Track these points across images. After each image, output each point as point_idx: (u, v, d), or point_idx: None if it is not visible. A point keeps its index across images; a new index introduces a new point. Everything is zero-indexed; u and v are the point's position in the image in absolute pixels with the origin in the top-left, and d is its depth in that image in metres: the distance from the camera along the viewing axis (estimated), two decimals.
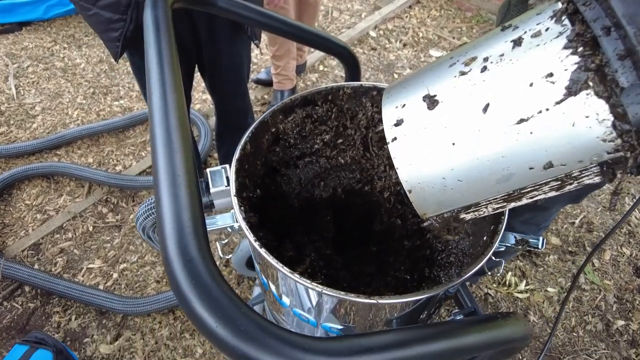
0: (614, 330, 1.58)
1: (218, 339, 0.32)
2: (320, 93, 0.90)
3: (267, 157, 0.94)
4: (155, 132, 0.43)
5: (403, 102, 0.53)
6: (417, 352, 0.40)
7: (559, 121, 0.41)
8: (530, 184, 0.47)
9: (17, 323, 1.57)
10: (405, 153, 0.52)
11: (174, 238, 0.34)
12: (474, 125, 0.46)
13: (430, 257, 0.95)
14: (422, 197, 0.54)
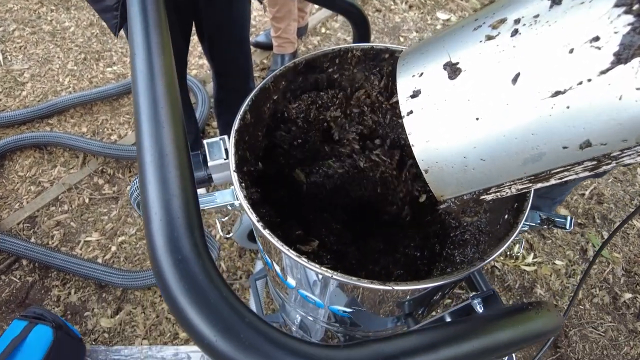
0: (620, 303, 1.56)
1: (218, 354, 0.26)
2: (327, 56, 0.82)
3: (269, 128, 0.87)
4: (139, 103, 0.36)
5: (421, 71, 0.47)
6: (447, 355, 0.35)
7: (603, 94, 0.35)
8: (563, 164, 0.42)
9: (16, 297, 1.55)
10: (423, 128, 0.46)
11: (162, 233, 0.28)
12: (502, 97, 0.41)
13: (442, 234, 0.90)
14: (439, 178, 0.49)
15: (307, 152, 0.95)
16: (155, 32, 0.42)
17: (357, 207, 0.98)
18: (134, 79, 0.38)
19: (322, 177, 0.96)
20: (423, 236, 0.93)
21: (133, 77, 0.39)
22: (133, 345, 1.45)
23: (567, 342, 1.48)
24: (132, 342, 1.46)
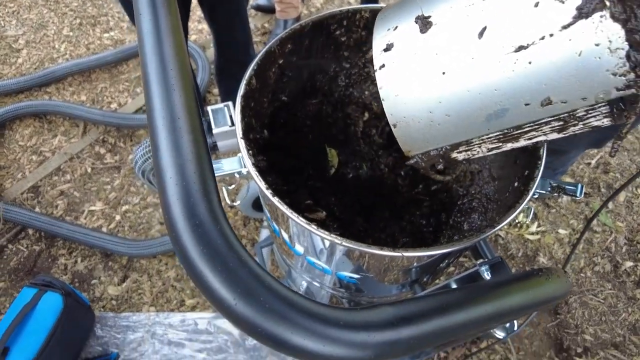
0: (621, 271, 1.58)
1: (238, 317, 0.26)
2: (334, 17, 0.79)
3: (275, 93, 0.85)
4: (147, 65, 0.34)
5: (395, 24, 0.47)
6: (461, 319, 0.35)
7: (564, 50, 0.36)
8: (527, 122, 0.42)
9: (24, 265, 1.57)
10: (393, 82, 0.47)
11: (178, 198, 0.27)
12: (468, 52, 0.41)
13: (449, 202, 0.90)
14: (407, 133, 0.49)
15: (315, 119, 0.93)
16: None
17: (365, 178, 0.98)
18: (141, 41, 0.37)
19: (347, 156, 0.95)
20: (429, 204, 0.92)
21: (139, 38, 0.37)
22: (140, 312, 1.48)
23: (567, 308, 1.51)
24: (140, 309, 1.49)
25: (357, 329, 0.29)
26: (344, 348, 0.27)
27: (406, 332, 0.31)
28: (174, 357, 1.38)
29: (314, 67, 0.87)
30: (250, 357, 1.35)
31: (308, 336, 0.27)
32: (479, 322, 0.36)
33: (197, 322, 1.42)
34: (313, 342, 0.27)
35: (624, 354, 1.43)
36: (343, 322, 0.28)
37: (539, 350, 1.43)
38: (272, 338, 0.26)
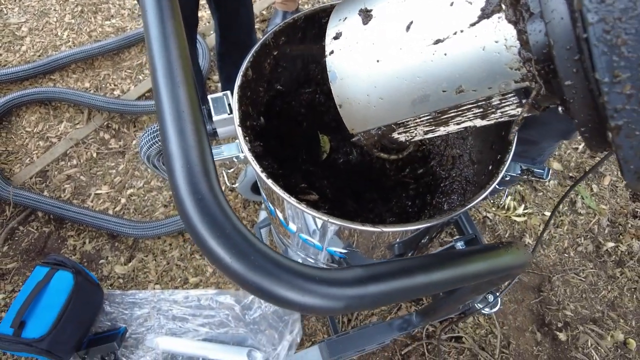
0: (603, 251, 1.65)
1: (233, 273, 0.33)
2: (325, 11, 0.84)
3: (271, 83, 0.90)
4: (156, 67, 0.40)
5: (345, 16, 0.53)
6: (421, 280, 0.42)
7: (471, 44, 0.41)
8: (447, 107, 0.47)
9: (35, 246, 1.65)
10: (339, 67, 0.52)
11: (184, 177, 0.34)
12: (397, 43, 0.47)
13: (433, 184, 0.96)
14: (349, 113, 0.55)
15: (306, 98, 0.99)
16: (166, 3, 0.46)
17: (355, 162, 1.04)
18: (149, 45, 0.42)
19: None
20: (415, 187, 0.99)
21: (148, 43, 0.43)
22: (146, 289, 1.57)
23: (550, 286, 1.59)
24: (145, 287, 1.57)
25: (331, 285, 0.35)
26: (320, 299, 0.34)
27: (372, 289, 0.38)
28: (178, 331, 1.46)
29: (307, 57, 0.93)
30: (250, 330, 1.43)
31: (290, 289, 0.33)
32: (436, 284, 0.43)
33: (199, 299, 1.50)
34: (294, 293, 0.33)
35: (602, 328, 1.51)
36: (319, 278, 0.35)
37: (522, 325, 1.52)
38: (260, 290, 0.33)
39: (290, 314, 1.47)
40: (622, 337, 1.50)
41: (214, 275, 1.59)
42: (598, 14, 0.28)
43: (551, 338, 1.50)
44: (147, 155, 1.02)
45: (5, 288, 1.56)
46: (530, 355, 1.47)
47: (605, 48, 0.29)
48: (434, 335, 1.48)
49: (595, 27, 0.29)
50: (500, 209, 1.72)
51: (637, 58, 0.28)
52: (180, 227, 1.61)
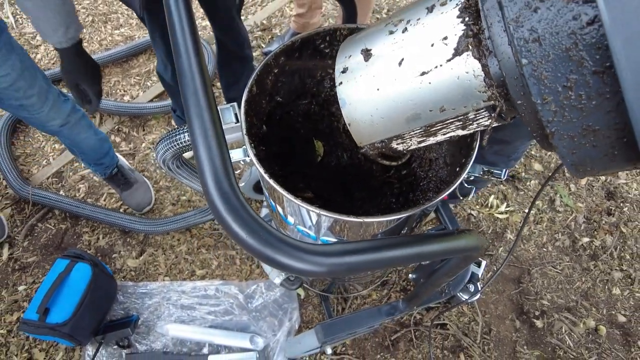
0: (578, 246, 1.79)
1: (248, 246, 0.46)
2: (319, 34, 0.97)
3: (272, 96, 1.04)
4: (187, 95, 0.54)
5: (350, 53, 0.65)
6: (387, 254, 0.55)
7: (449, 75, 0.53)
8: (435, 122, 0.60)
9: (52, 241, 1.78)
10: (347, 95, 0.65)
11: (211, 177, 0.47)
12: (392, 75, 0.59)
13: (414, 184, 1.10)
14: (357, 130, 0.67)
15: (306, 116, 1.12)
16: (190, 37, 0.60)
17: (346, 165, 1.17)
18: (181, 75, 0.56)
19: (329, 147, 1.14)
20: (399, 187, 1.12)
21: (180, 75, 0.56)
22: (156, 281, 1.70)
23: (529, 278, 1.73)
24: (156, 279, 1.70)
25: (318, 255, 0.48)
26: (309, 265, 0.47)
27: (348, 259, 0.51)
28: (186, 319, 1.59)
29: (303, 73, 1.06)
30: (252, 317, 1.57)
31: (288, 257, 0.46)
32: (399, 259, 0.56)
33: (206, 289, 1.63)
34: (291, 260, 0.46)
35: (575, 316, 1.65)
36: (309, 250, 0.48)
37: (502, 313, 1.65)
38: (267, 258, 0.46)
39: (289, 303, 1.61)
40: (594, 324, 1.64)
41: (219, 268, 1.72)
42: (527, 58, 0.41)
43: (529, 325, 1.63)
44: (163, 159, 1.15)
45: (26, 280, 1.69)
46: (509, 340, 1.60)
47: (535, 81, 0.41)
48: (420, 322, 1.61)
49: (526, 67, 0.41)
50: (484, 207, 1.86)
51: (555, 87, 0.41)
52: (188, 223, 1.74)
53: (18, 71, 1.20)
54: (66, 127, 1.45)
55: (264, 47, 2.29)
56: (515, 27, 0.41)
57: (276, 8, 2.49)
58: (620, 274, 1.74)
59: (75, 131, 1.50)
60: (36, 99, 1.29)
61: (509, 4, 0.41)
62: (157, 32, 1.38)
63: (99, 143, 1.62)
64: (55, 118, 1.40)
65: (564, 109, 0.41)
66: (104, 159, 1.69)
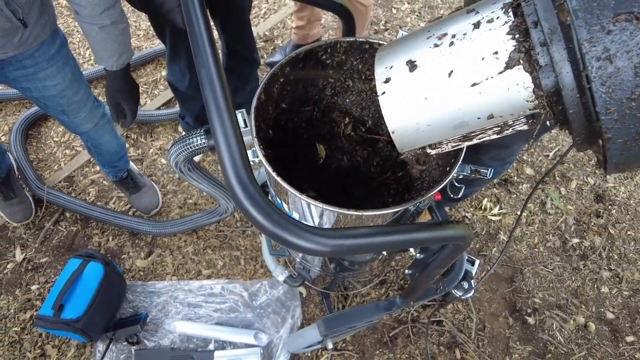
0: (569, 246, 1.87)
1: (264, 227, 0.54)
2: (321, 47, 1.06)
3: (278, 103, 1.12)
4: (209, 100, 0.62)
5: (391, 64, 0.69)
6: (383, 239, 0.63)
7: (499, 86, 0.58)
8: (479, 129, 0.66)
9: (64, 243, 1.85)
10: (391, 104, 0.68)
11: (232, 170, 0.55)
12: (441, 85, 0.63)
13: (410, 184, 1.18)
14: (401, 137, 0.71)
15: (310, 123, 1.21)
16: (210, 52, 0.68)
17: (346, 167, 1.25)
18: (203, 84, 0.64)
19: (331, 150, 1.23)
20: (396, 187, 1.21)
21: (202, 84, 0.65)
22: (164, 280, 1.77)
23: (521, 277, 1.80)
24: (163, 279, 1.78)
25: (322, 236, 0.56)
26: (315, 244, 0.55)
27: (348, 242, 0.58)
28: (193, 317, 1.66)
29: (306, 82, 1.15)
30: (257, 314, 1.64)
31: (297, 237, 0.54)
32: (394, 243, 0.64)
33: (212, 288, 1.70)
34: (300, 240, 0.54)
35: (566, 313, 1.72)
36: (315, 231, 0.56)
37: (496, 311, 1.72)
38: (279, 238, 0.54)
39: (292, 301, 1.68)
40: (584, 320, 1.71)
41: (224, 268, 1.79)
42: (597, 74, 0.47)
43: (521, 322, 1.70)
44: (175, 162, 1.23)
45: (39, 280, 1.76)
46: (502, 337, 1.67)
47: (602, 94, 0.48)
48: (418, 319, 1.68)
49: (595, 82, 0.48)
50: (478, 210, 1.94)
51: (620, 99, 0.47)
52: (194, 225, 1.81)
53: (68, 82, 1.30)
54: (93, 129, 1.54)
55: (267, 58, 2.39)
56: (589, 47, 0.46)
57: (278, 20, 2.59)
58: (608, 273, 1.82)
59: (100, 133, 1.59)
60: (76, 105, 1.39)
61: (582, 27, 0.47)
62: (184, 45, 1.47)
63: (117, 147, 1.72)
64: (88, 122, 1.50)
65: (624, 118, 0.47)
66: (119, 162, 1.78)
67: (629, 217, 1.97)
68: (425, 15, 2.71)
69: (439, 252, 0.95)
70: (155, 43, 2.48)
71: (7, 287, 1.75)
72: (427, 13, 2.72)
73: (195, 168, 1.16)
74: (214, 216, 1.79)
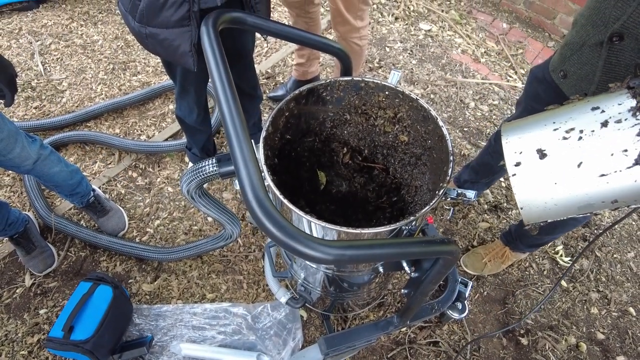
0: (558, 268, 1.95)
1: (276, 238, 0.64)
2: (322, 85, 1.19)
3: (283, 134, 1.24)
4: (231, 133, 0.73)
5: (521, 150, 0.74)
6: (380, 250, 0.73)
7: (627, 178, 0.64)
8: (600, 209, 0.73)
9: (73, 268, 1.92)
10: (521, 185, 0.73)
11: (251, 189, 0.66)
12: (571, 174, 0.68)
13: (404, 208, 1.28)
14: (529, 212, 0.76)
15: (311, 152, 1.32)
16: (227, 85, 0.80)
17: (345, 192, 1.36)
18: (225, 119, 0.76)
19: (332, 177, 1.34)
20: (391, 210, 1.31)
21: (223, 117, 0.76)
22: (170, 304, 1.83)
23: (513, 299, 1.87)
24: (169, 302, 1.84)
25: (327, 247, 0.65)
26: (320, 253, 0.64)
27: (349, 252, 0.68)
28: (197, 339, 1.72)
29: (308, 116, 1.27)
30: (259, 336, 1.69)
31: (305, 246, 0.64)
32: (389, 254, 0.74)
33: (216, 311, 1.76)
34: (307, 249, 0.64)
35: (558, 334, 1.78)
36: (320, 242, 0.65)
37: (490, 332, 1.78)
38: (289, 247, 0.63)
39: (293, 323, 1.74)
40: (575, 341, 1.77)
41: (227, 292, 1.86)
42: None
43: (515, 343, 1.76)
44: (187, 189, 1.33)
45: (47, 304, 1.82)
46: (497, 357, 1.73)
47: None
48: (415, 340, 1.74)
49: None
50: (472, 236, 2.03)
51: None
52: (199, 251, 1.89)
53: None
54: (38, 163, 1.58)
55: (269, 93, 2.54)
56: None
57: (279, 58, 2.77)
58: (597, 295, 1.89)
59: (47, 166, 1.63)
60: (5, 143, 1.41)
61: None
62: (193, 84, 1.60)
63: (69, 174, 1.76)
64: (27, 158, 1.53)
65: None
66: (77, 188, 1.83)
67: (614, 240, 2.07)
68: (416, 53, 2.89)
69: (431, 269, 1.04)
70: (163, 79, 2.63)
71: (16, 311, 1.80)
72: (419, 51, 2.91)
73: (205, 195, 1.26)
74: (219, 241, 1.88)
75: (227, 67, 0.85)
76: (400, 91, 1.14)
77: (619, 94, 0.66)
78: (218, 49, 0.90)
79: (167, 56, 1.33)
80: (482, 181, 1.86)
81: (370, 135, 1.31)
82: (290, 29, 1.16)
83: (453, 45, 2.98)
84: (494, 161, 1.67)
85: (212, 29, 0.95)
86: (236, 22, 1.06)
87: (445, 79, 2.74)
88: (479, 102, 2.63)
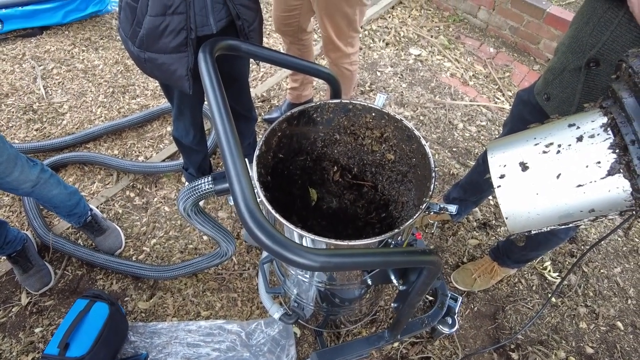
0: (546, 284, 1.99)
1: (266, 246, 0.69)
2: (312, 107, 1.26)
3: (275, 153, 1.30)
4: (225, 152, 0.80)
5: (504, 163, 0.79)
6: (364, 259, 0.78)
7: (602, 188, 0.68)
8: (579, 219, 0.78)
9: (69, 286, 1.94)
10: (506, 195, 0.77)
11: (243, 202, 0.71)
12: (551, 185, 0.73)
13: (392, 223, 1.34)
14: (513, 222, 0.79)
15: (303, 169, 1.38)
16: (223, 108, 0.86)
17: (335, 208, 1.41)
18: (220, 139, 0.82)
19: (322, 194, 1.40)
20: (380, 226, 1.36)
21: (219, 138, 0.82)
22: (165, 321, 1.85)
23: (503, 314, 1.91)
24: (164, 320, 1.86)
25: (314, 254, 0.70)
26: (306, 260, 0.69)
27: (334, 260, 0.73)
28: (192, 356, 1.73)
29: (299, 136, 1.33)
30: (253, 353, 1.71)
31: (293, 254, 0.69)
32: (373, 262, 0.79)
33: (211, 328, 1.79)
34: (295, 257, 0.69)
35: (547, 349, 1.81)
36: (307, 250, 0.70)
37: (480, 347, 1.81)
38: (279, 254, 0.69)
39: (286, 340, 1.76)
40: (564, 355, 1.80)
41: (222, 309, 1.88)
42: None
43: (505, 358, 1.79)
44: (183, 207, 1.39)
45: (42, 322, 1.83)
46: None
47: None
48: (406, 356, 1.76)
49: None
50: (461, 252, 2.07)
51: None
52: (194, 269, 1.92)
53: None
54: (37, 187, 1.63)
55: (265, 115, 2.62)
56: None
57: (274, 82, 2.86)
58: (585, 310, 1.93)
59: (46, 189, 1.68)
60: (5, 166, 1.45)
61: None
62: (189, 106, 1.67)
63: (68, 196, 1.81)
64: (26, 181, 1.57)
65: None
66: (75, 209, 1.88)
67: (601, 256, 2.12)
68: (406, 77, 3.00)
69: (416, 280, 1.09)
70: (161, 102, 2.71)
71: (12, 330, 1.81)
72: (409, 75, 3.02)
73: (201, 212, 1.30)
74: (215, 259, 1.91)
75: (223, 91, 0.92)
76: (386, 112, 1.21)
77: (593, 112, 0.72)
78: (214, 74, 0.97)
79: (164, 79, 1.40)
80: (471, 199, 1.93)
81: (359, 154, 1.38)
82: (282, 55, 1.24)
83: (442, 69, 3.10)
84: (482, 180, 1.74)
85: (209, 55, 1.03)
86: (231, 49, 1.14)
87: (434, 101, 2.84)
88: (467, 123, 2.72)
